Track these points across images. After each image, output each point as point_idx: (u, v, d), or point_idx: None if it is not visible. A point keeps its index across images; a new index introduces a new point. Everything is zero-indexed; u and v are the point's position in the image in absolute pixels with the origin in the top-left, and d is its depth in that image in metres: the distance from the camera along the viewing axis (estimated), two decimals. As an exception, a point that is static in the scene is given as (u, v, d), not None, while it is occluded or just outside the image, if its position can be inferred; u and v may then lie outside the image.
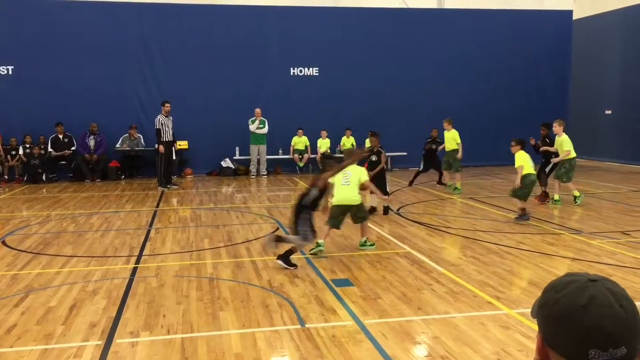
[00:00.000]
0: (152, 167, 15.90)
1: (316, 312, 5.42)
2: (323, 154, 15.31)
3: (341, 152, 17.90)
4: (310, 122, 17.54)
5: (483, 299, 5.75)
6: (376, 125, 17.96)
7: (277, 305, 5.62)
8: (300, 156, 17.62)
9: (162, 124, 14.20)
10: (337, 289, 6.11)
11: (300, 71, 18.14)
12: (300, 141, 17.63)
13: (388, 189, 10.67)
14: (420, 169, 14.20)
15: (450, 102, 18.36)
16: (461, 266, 6.97)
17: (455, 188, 13.11)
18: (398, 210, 10.95)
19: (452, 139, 13.28)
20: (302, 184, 15.41)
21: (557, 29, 19.42)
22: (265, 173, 17.10)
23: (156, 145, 14.49)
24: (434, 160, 14.07)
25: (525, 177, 9.70)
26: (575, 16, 19.83)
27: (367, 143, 17.88)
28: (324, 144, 17.73)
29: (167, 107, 14.28)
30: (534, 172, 9.98)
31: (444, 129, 13.44)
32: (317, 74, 18.20)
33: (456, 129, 13.38)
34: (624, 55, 18.65)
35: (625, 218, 9.86)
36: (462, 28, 18.73)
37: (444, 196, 12.76)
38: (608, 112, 19.05)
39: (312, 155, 17.77)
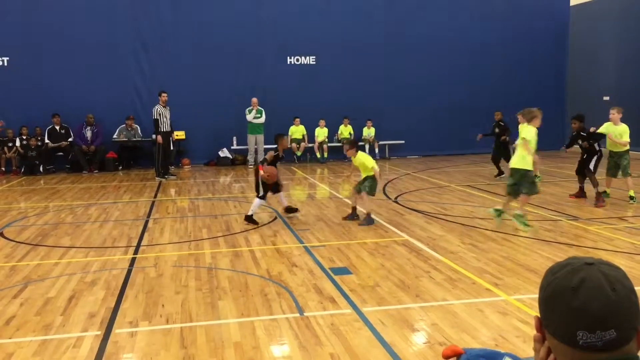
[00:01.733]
0: (150, 158, 15.88)
1: (315, 300, 5.44)
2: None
3: (339, 141, 17.91)
4: (307, 111, 17.50)
5: (481, 286, 5.77)
6: (374, 114, 18.01)
7: (276, 294, 5.63)
8: (297, 145, 17.60)
9: (159, 114, 14.16)
10: (336, 277, 6.12)
11: (297, 60, 18.07)
12: (297, 130, 17.60)
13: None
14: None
15: (449, 91, 18.33)
16: (459, 253, 6.99)
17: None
18: (396, 198, 10.96)
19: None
20: (300, 173, 15.40)
21: (554, 15, 19.36)
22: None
23: (154, 136, 14.46)
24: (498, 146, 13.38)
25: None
26: (572, 2, 19.74)
27: (365, 131, 17.94)
28: (321, 133, 17.71)
29: (164, 97, 14.24)
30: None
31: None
32: (314, 63, 18.13)
33: (455, 116, 13.34)
34: (621, 41, 18.59)
35: (622, 204, 9.87)
36: (460, 15, 18.64)
37: (442, 184, 12.77)
38: (606, 98, 19.02)
39: (310, 144, 17.75)
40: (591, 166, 10.04)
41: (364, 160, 8.87)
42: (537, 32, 19.11)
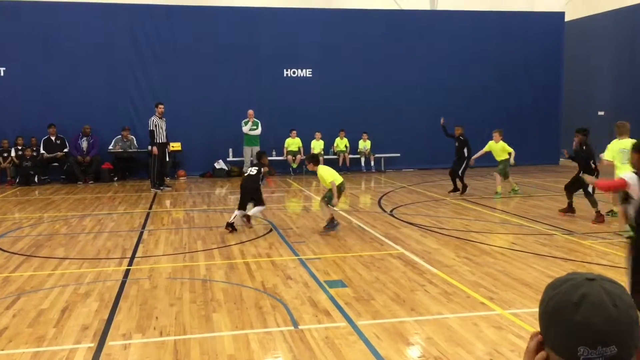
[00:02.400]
0: (145, 169, 15.87)
1: (309, 313, 5.42)
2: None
3: (335, 153, 17.93)
4: (303, 124, 17.54)
5: (476, 300, 5.76)
6: (369, 126, 18.06)
7: (271, 307, 5.61)
8: (293, 157, 17.61)
9: (155, 126, 14.17)
10: (331, 290, 6.10)
11: (294, 72, 18.14)
12: (293, 142, 17.62)
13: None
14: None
15: (443, 103, 18.39)
16: (454, 267, 6.98)
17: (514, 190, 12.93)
18: (392, 211, 10.96)
19: (501, 150, 12.69)
20: (296, 185, 15.40)
21: (550, 30, 19.51)
22: (258, 174, 17.06)
23: (149, 147, 14.45)
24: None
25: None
26: (567, 17, 19.91)
27: (360, 144, 17.98)
28: (317, 145, 17.74)
29: (160, 108, 14.25)
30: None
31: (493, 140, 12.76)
32: (311, 76, 18.20)
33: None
34: (616, 57, 18.75)
35: (616, 218, 9.88)
36: (455, 29, 18.77)
37: (437, 197, 12.78)
38: (601, 113, 19.14)
39: (305, 157, 17.76)
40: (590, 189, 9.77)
41: (322, 174, 9.12)
42: (533, 47, 19.25)
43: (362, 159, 17.92)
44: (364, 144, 18.04)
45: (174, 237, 9.01)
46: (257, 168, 9.70)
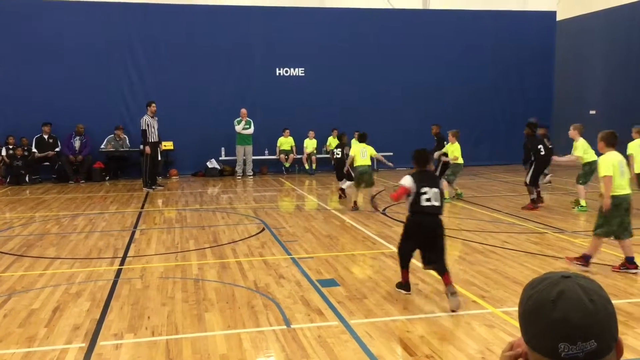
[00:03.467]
0: (137, 168, 15.82)
1: (302, 312, 5.41)
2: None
3: (327, 152, 17.93)
4: (296, 123, 17.54)
5: (468, 298, 5.78)
6: (362, 125, 18.02)
7: (263, 306, 5.60)
8: (286, 156, 17.60)
9: (148, 125, 14.12)
10: (323, 289, 6.10)
11: (286, 72, 18.12)
12: (286, 141, 17.61)
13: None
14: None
15: (435, 102, 18.46)
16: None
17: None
18: (384, 210, 10.97)
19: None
20: (288, 185, 15.39)
21: (541, 29, 19.59)
22: (251, 174, 17.06)
23: (141, 146, 14.40)
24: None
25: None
26: (559, 17, 19.99)
27: (353, 143, 17.96)
28: (310, 144, 17.74)
29: (153, 107, 14.20)
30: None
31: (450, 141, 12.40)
32: (303, 75, 18.19)
33: (443, 129, 13.39)
34: (607, 56, 18.84)
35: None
36: (447, 29, 18.82)
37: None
38: (592, 112, 19.22)
39: (298, 156, 17.76)
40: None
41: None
42: (525, 46, 19.31)
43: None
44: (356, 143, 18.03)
45: (166, 236, 8.98)
46: (340, 150, 12.22)
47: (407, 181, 5.72)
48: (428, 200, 5.63)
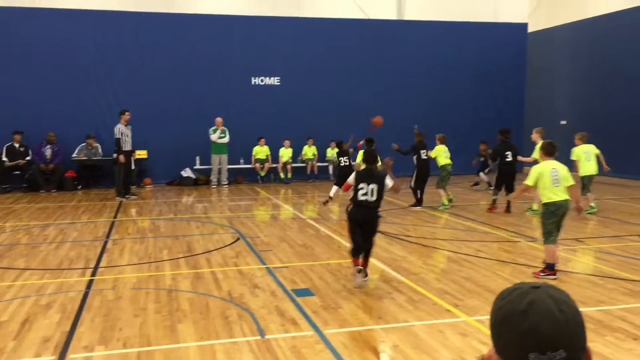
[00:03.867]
0: (110, 177, 15.62)
1: (276, 322, 5.39)
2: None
3: (303, 162, 17.94)
4: (271, 132, 17.50)
5: (442, 307, 5.81)
6: (338, 135, 18.07)
7: (237, 317, 5.56)
8: (261, 165, 17.56)
9: (121, 133, 13.96)
10: (298, 299, 6.08)
11: (262, 80, 18.11)
12: (261, 150, 17.57)
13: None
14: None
15: (409, 112, 18.57)
16: (421, 274, 7.03)
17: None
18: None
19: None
20: (264, 194, 15.34)
21: (513, 41, 19.89)
22: (226, 183, 16.97)
23: (115, 155, 14.23)
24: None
25: None
26: (530, 29, 20.35)
27: (329, 152, 18.02)
28: (286, 153, 17.72)
29: (126, 115, 14.05)
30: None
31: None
32: (279, 84, 18.20)
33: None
34: (574, 67, 19.24)
35: (579, 226, 10.11)
36: (422, 39, 19.00)
37: (404, 205, 12.88)
38: (563, 122, 19.58)
39: (274, 165, 17.72)
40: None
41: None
42: (497, 57, 19.57)
43: (330, 167, 17.95)
44: (332, 152, 18.08)
45: (139, 246, 8.87)
46: (347, 158, 12.85)
47: (350, 178, 6.68)
48: (364, 195, 6.49)
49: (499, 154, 12.03)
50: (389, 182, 6.58)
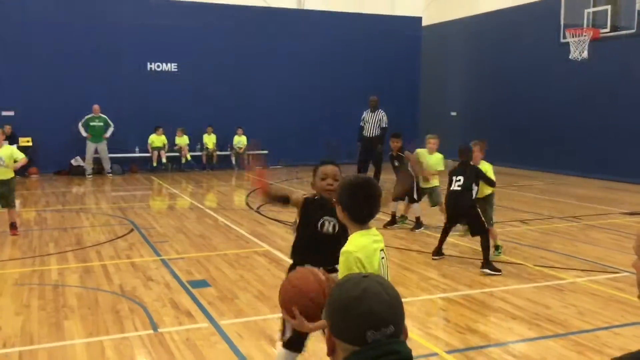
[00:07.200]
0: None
1: (170, 315, 5.26)
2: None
3: (202, 150, 17.57)
4: (168, 119, 16.99)
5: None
6: (239, 123, 17.91)
7: (129, 311, 5.37)
8: (158, 154, 17.03)
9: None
10: (194, 291, 5.97)
11: (158, 66, 17.51)
12: (158, 139, 17.02)
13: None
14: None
15: (309, 102, 18.74)
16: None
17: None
18: (258, 208, 10.96)
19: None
20: (160, 182, 14.90)
21: (409, 34, 20.50)
22: (110, 171, 16.19)
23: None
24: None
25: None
26: (424, 22, 21.06)
27: (235, 139, 17.77)
28: (182, 141, 17.27)
29: None
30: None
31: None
32: (176, 70, 17.69)
33: (313, 131, 13.61)
34: (466, 60, 20.19)
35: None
36: (322, 29, 19.12)
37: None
38: (453, 113, 20.52)
39: (170, 154, 17.22)
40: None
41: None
42: (394, 50, 20.08)
43: (233, 158, 17.74)
44: (239, 139, 17.84)
45: (22, 240, 8.34)
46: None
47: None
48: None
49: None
50: None
